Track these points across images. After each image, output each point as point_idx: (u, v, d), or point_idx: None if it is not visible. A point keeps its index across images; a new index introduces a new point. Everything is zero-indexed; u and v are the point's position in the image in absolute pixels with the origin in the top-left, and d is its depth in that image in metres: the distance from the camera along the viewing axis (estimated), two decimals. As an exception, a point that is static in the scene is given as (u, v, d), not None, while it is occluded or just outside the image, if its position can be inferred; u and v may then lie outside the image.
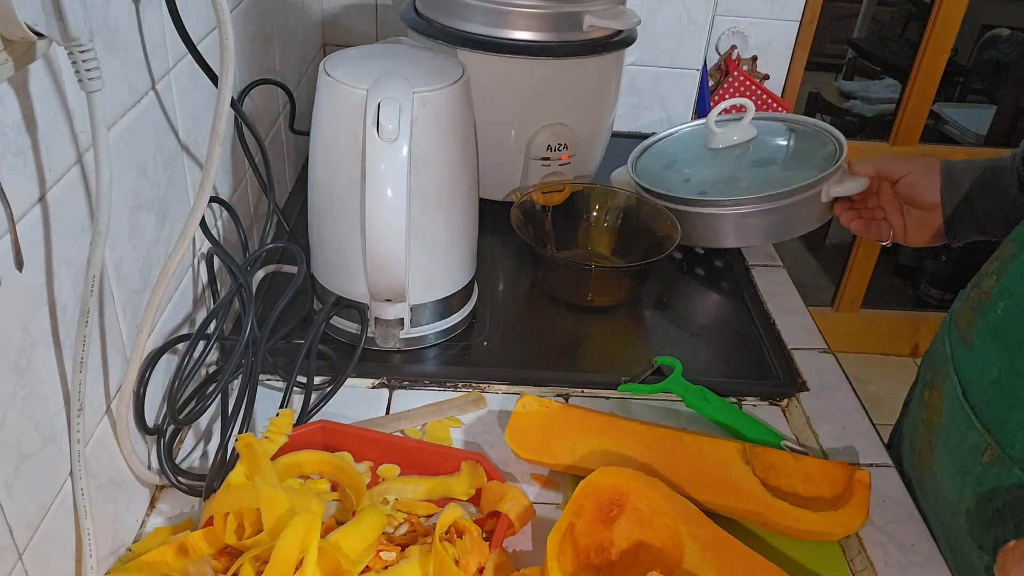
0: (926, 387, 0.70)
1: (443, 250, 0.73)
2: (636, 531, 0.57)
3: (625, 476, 0.57)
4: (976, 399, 0.60)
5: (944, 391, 0.65)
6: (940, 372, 0.67)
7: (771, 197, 0.86)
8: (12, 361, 0.41)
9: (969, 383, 0.62)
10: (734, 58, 1.48)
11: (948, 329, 0.69)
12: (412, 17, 0.93)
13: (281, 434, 0.59)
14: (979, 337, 0.62)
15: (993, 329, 0.60)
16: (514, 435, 0.64)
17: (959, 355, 0.64)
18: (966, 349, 0.63)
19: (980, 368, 0.60)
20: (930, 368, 0.71)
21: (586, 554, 0.56)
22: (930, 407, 0.67)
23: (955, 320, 0.68)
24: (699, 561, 0.53)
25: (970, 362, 0.62)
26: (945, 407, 0.64)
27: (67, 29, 0.38)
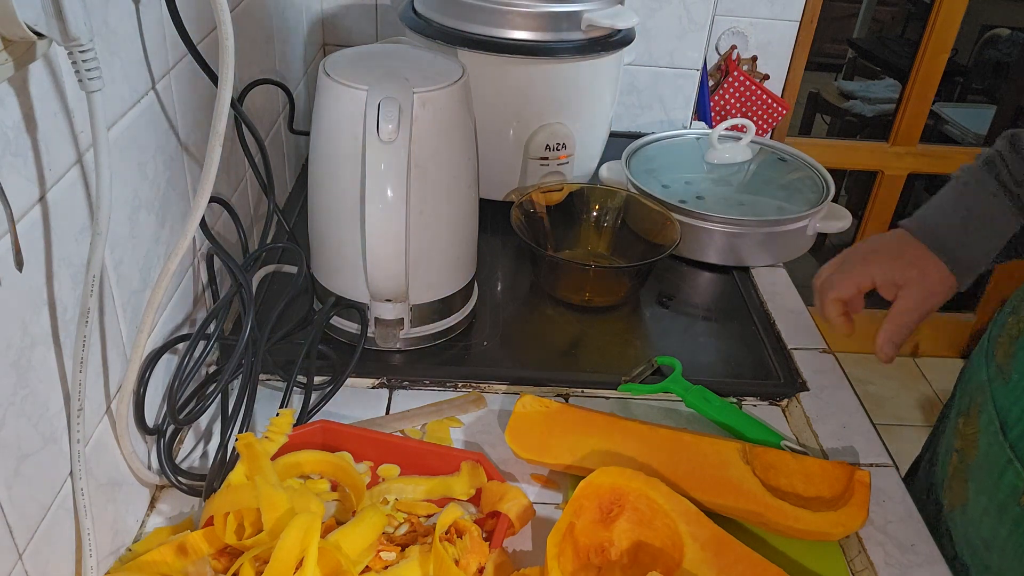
0: (961, 414, 0.67)
1: (443, 250, 0.73)
2: (636, 531, 0.57)
3: (625, 476, 0.57)
4: (1016, 438, 0.58)
5: (981, 423, 0.63)
6: (976, 401, 0.65)
7: (760, 223, 0.89)
8: (12, 361, 0.42)
9: (1007, 419, 0.59)
10: (734, 58, 1.48)
11: (985, 355, 0.66)
12: (411, 17, 0.93)
13: (281, 434, 0.59)
14: (1018, 373, 0.59)
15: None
16: (514, 435, 0.64)
17: (997, 389, 0.62)
18: (1004, 383, 0.61)
19: (1020, 406, 0.58)
20: (965, 394, 0.68)
21: (586, 554, 0.56)
22: (965, 437, 0.65)
23: (992, 346, 0.65)
24: (699, 561, 0.53)
25: (1008, 397, 0.60)
26: (981, 440, 0.62)
27: (67, 29, 0.38)
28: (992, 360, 0.64)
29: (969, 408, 0.66)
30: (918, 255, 0.67)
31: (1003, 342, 0.64)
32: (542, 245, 0.88)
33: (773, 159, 1.03)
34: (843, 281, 0.69)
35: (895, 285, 0.67)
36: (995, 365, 0.63)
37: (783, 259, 0.94)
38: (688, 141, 1.06)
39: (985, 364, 0.66)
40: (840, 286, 0.69)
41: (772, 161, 1.03)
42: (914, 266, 0.67)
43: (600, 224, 0.92)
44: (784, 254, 0.93)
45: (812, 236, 0.94)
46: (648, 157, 1.02)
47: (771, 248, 0.91)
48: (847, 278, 0.69)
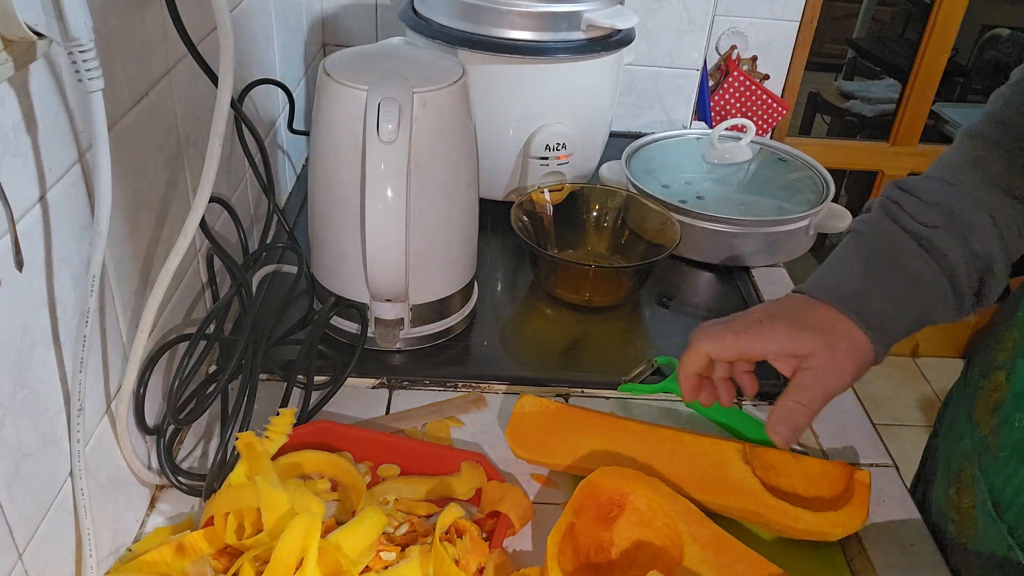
0: (952, 484, 0.62)
1: (443, 250, 0.73)
2: (636, 531, 0.57)
3: (625, 476, 0.57)
4: (1014, 521, 0.53)
5: (975, 500, 0.57)
6: (966, 472, 0.60)
7: (759, 223, 0.89)
8: (12, 361, 0.42)
9: (1001, 500, 0.54)
10: (734, 58, 1.48)
11: (968, 423, 0.60)
12: (411, 17, 0.93)
13: (281, 434, 0.59)
14: (1004, 451, 0.54)
15: (1019, 447, 0.53)
16: (514, 435, 0.64)
17: (986, 464, 0.56)
18: (993, 460, 0.55)
19: (1014, 487, 0.53)
20: (952, 463, 0.63)
21: (586, 553, 0.56)
22: (960, 510, 0.60)
23: (972, 414, 0.60)
24: (699, 561, 0.53)
25: (999, 477, 0.55)
26: (979, 519, 0.57)
27: (67, 29, 0.38)
28: (976, 428, 0.59)
29: (960, 478, 0.61)
30: (823, 319, 0.56)
31: (983, 409, 0.58)
32: (542, 245, 0.88)
33: (773, 159, 1.03)
34: (722, 339, 0.57)
35: (795, 357, 0.56)
36: (979, 436, 0.58)
37: (783, 259, 0.94)
38: (688, 141, 1.06)
39: (969, 430, 0.60)
40: (723, 348, 0.57)
41: (772, 161, 1.03)
42: (819, 332, 0.55)
43: (600, 224, 0.92)
44: (784, 254, 0.93)
45: (812, 236, 0.94)
46: (648, 157, 1.02)
47: (771, 248, 0.91)
48: (728, 338, 0.57)
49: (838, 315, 0.56)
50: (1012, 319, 0.58)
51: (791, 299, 0.59)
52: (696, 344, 0.59)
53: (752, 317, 0.58)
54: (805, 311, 0.57)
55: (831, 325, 0.56)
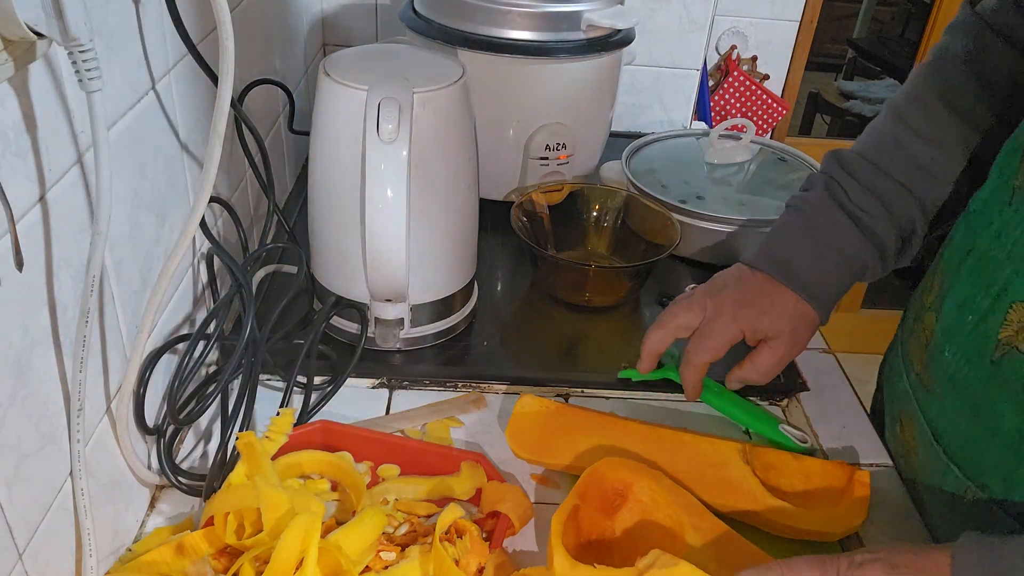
0: (895, 423, 0.68)
1: (443, 250, 0.73)
2: (638, 521, 0.57)
3: (629, 467, 0.58)
4: (948, 444, 0.59)
5: (916, 432, 0.63)
6: (905, 410, 0.65)
7: (759, 223, 0.89)
8: (12, 361, 0.42)
9: (938, 429, 0.60)
10: (734, 58, 1.48)
11: (903, 364, 0.66)
12: (411, 17, 0.93)
13: (281, 434, 0.59)
14: (938, 385, 0.59)
15: (949, 376, 0.58)
16: (514, 435, 0.64)
17: (922, 399, 0.62)
18: (927, 394, 0.61)
19: (947, 415, 0.59)
20: (894, 404, 0.69)
21: (588, 539, 0.57)
22: (905, 444, 0.66)
23: (907, 355, 0.66)
24: (700, 551, 0.53)
25: (935, 407, 0.60)
26: (920, 448, 0.63)
27: (67, 29, 0.38)
28: (911, 368, 0.64)
29: (901, 417, 0.66)
30: (787, 306, 0.66)
31: (915, 349, 0.64)
32: (542, 245, 0.88)
33: (773, 159, 1.03)
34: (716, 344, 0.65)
35: (764, 336, 0.66)
36: (915, 374, 0.64)
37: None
38: (688, 141, 1.06)
39: (904, 371, 0.66)
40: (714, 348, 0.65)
41: (772, 161, 1.03)
42: (783, 319, 0.65)
43: (600, 224, 0.92)
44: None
45: None
46: (648, 157, 1.02)
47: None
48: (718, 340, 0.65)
49: (796, 297, 0.66)
50: (937, 268, 0.64)
51: (754, 280, 0.67)
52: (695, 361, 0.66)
53: (726, 313, 0.66)
54: (768, 296, 0.66)
55: (792, 310, 0.66)
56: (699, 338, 0.66)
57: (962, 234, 0.61)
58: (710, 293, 0.67)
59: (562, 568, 0.51)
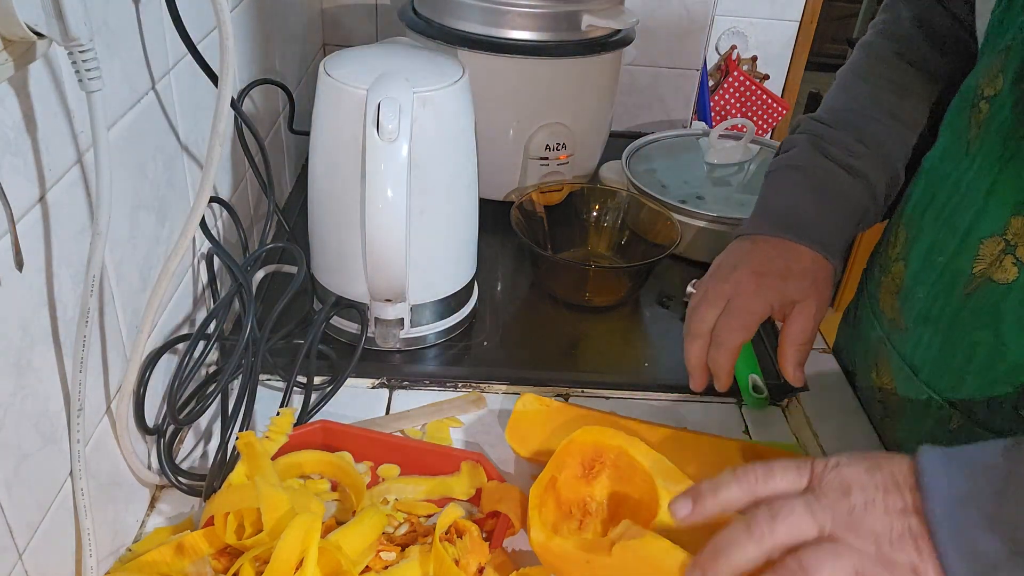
0: (870, 369, 0.70)
1: (443, 250, 0.73)
2: (616, 487, 0.58)
3: (606, 435, 0.58)
4: (927, 376, 0.61)
5: (893, 372, 0.66)
6: (880, 355, 0.68)
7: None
8: (12, 361, 0.42)
9: (916, 362, 0.62)
10: (734, 58, 1.48)
11: (874, 314, 0.69)
12: (411, 17, 0.93)
13: (281, 434, 0.59)
14: (911, 322, 0.63)
15: (922, 313, 0.61)
16: (514, 434, 0.64)
17: (896, 338, 0.65)
18: (902, 332, 0.64)
19: (923, 348, 0.62)
20: (867, 353, 0.71)
21: (568, 508, 0.58)
22: (882, 388, 0.68)
23: (876, 306, 0.69)
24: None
25: (910, 344, 0.63)
26: (899, 386, 0.65)
27: (67, 29, 0.38)
28: (882, 316, 0.68)
29: (876, 363, 0.69)
30: (804, 263, 0.66)
31: (885, 297, 0.67)
32: (542, 245, 0.88)
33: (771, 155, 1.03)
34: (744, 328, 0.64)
35: (791, 304, 0.65)
36: (885, 319, 0.67)
37: None
38: (688, 141, 1.06)
39: (876, 320, 0.69)
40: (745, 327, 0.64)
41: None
42: (806, 277, 0.65)
43: (600, 224, 0.92)
44: None
45: None
46: (648, 157, 1.02)
47: None
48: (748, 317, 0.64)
49: (812, 253, 0.66)
50: (898, 223, 0.67)
51: (766, 245, 0.67)
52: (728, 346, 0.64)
53: (748, 290, 0.65)
54: (785, 258, 0.66)
55: (811, 265, 0.66)
56: (727, 318, 0.64)
57: (921, 189, 0.64)
58: (724, 279, 0.66)
59: (539, 540, 0.53)
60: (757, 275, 0.65)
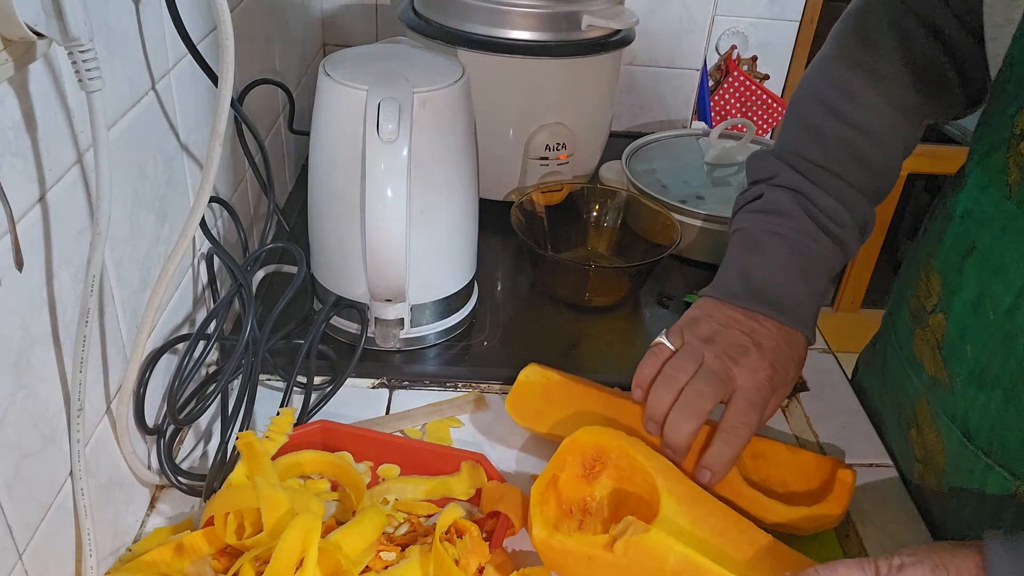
0: (910, 426, 0.65)
1: (443, 250, 0.73)
2: (617, 486, 0.58)
3: (607, 435, 0.58)
4: (984, 442, 0.56)
5: (941, 433, 0.60)
6: (921, 413, 0.63)
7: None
8: (12, 361, 0.41)
9: (969, 427, 0.57)
10: (734, 58, 1.48)
11: (910, 367, 0.64)
12: (411, 17, 0.93)
13: (281, 434, 0.59)
14: (959, 380, 0.57)
15: (974, 374, 0.56)
16: (515, 403, 0.66)
17: (941, 397, 0.60)
18: (948, 391, 0.59)
19: (977, 411, 0.56)
20: (904, 408, 0.66)
21: (568, 507, 0.58)
22: (925, 447, 0.63)
23: (911, 355, 0.64)
24: (674, 512, 0.54)
25: (961, 405, 0.58)
26: (949, 450, 0.60)
27: (67, 29, 0.38)
28: (920, 369, 0.62)
29: (916, 418, 0.64)
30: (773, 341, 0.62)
31: (923, 350, 0.62)
32: (542, 245, 0.88)
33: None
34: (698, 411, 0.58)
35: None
36: (926, 374, 0.62)
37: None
38: (688, 141, 1.06)
39: (912, 373, 0.64)
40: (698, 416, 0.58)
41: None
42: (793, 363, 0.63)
43: (600, 224, 0.92)
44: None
45: None
46: (648, 157, 1.02)
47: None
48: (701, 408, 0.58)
49: (788, 331, 0.63)
50: (928, 269, 0.62)
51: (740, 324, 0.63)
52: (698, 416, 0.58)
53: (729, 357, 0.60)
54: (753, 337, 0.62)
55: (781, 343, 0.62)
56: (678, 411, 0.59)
57: (956, 235, 0.59)
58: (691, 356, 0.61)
59: (540, 537, 0.53)
60: (744, 351, 0.61)
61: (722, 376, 0.60)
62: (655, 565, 0.50)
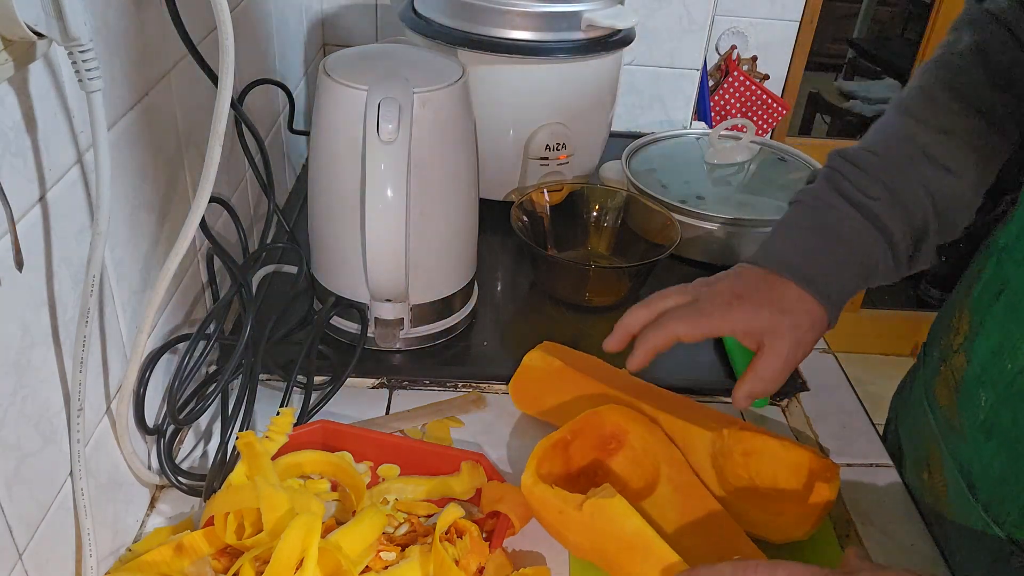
0: (923, 468, 0.63)
1: (443, 250, 0.73)
2: (628, 467, 0.61)
3: (630, 417, 0.61)
4: (986, 497, 0.54)
5: (947, 481, 0.59)
6: (933, 455, 0.61)
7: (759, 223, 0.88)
8: (12, 361, 0.42)
9: (974, 480, 0.55)
10: (734, 58, 1.48)
11: (927, 402, 0.63)
12: (411, 17, 0.93)
13: (281, 434, 0.59)
14: (970, 429, 0.56)
15: (984, 425, 0.54)
16: (517, 387, 0.68)
17: (952, 442, 0.58)
18: (960, 439, 0.57)
19: (983, 464, 0.54)
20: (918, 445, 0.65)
21: (576, 471, 0.61)
22: (934, 492, 0.62)
23: (932, 395, 0.62)
24: (665, 500, 0.57)
25: (967, 454, 0.56)
26: (952, 501, 0.59)
27: (67, 29, 0.38)
28: (937, 408, 0.61)
29: (929, 460, 0.62)
30: (786, 296, 0.59)
31: (943, 391, 0.60)
32: (542, 245, 0.88)
33: (773, 159, 1.03)
34: (695, 323, 0.58)
35: (760, 334, 0.59)
36: (942, 416, 0.60)
37: None
38: (688, 141, 1.06)
39: (930, 411, 0.62)
40: (696, 327, 0.58)
41: (772, 161, 1.03)
42: (785, 313, 0.59)
43: (600, 224, 0.92)
44: None
45: None
46: (648, 157, 1.02)
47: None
48: (701, 321, 0.59)
49: (799, 291, 0.60)
50: (963, 305, 0.61)
51: (753, 274, 0.62)
52: (669, 327, 0.60)
53: (719, 299, 0.60)
54: (768, 289, 0.60)
55: (793, 302, 0.59)
56: (683, 310, 0.60)
57: (992, 270, 0.56)
58: (706, 283, 0.63)
59: (526, 483, 0.56)
60: (734, 295, 0.60)
61: (709, 314, 0.59)
62: (613, 531, 0.53)
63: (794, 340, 0.59)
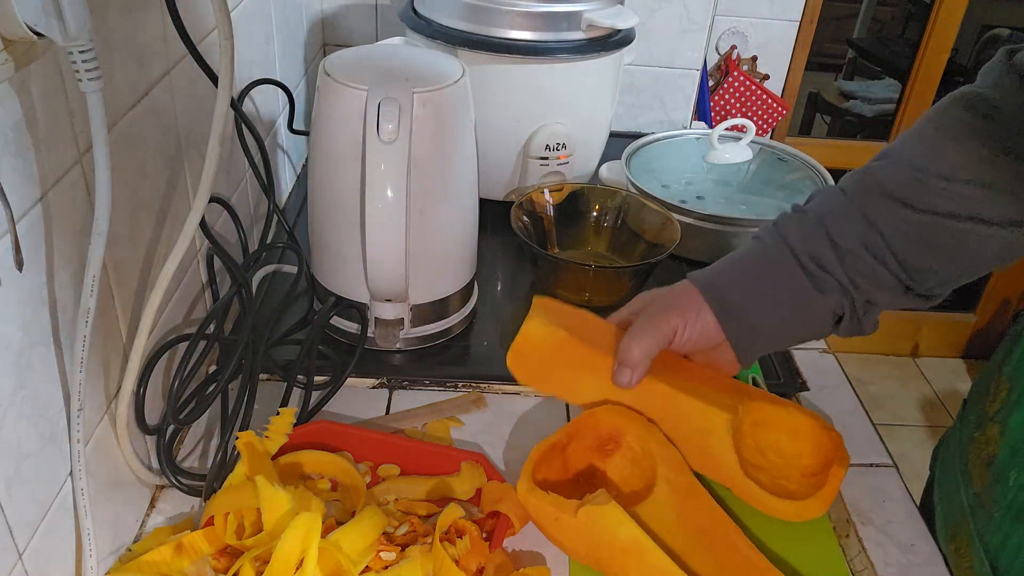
0: (952, 540, 0.61)
1: (443, 250, 0.73)
2: (626, 469, 0.60)
3: (625, 416, 0.61)
4: None
5: (973, 561, 0.57)
6: (961, 531, 0.60)
7: (759, 223, 0.88)
8: (12, 361, 0.42)
9: (1000, 566, 0.54)
10: (734, 58, 1.48)
11: (962, 476, 0.60)
12: (411, 17, 0.93)
13: (281, 434, 0.59)
14: (999, 511, 0.54)
15: (1013, 507, 0.53)
16: (516, 357, 0.64)
17: (981, 520, 0.56)
18: (988, 519, 0.55)
19: (1010, 551, 0.53)
20: (950, 519, 0.63)
21: (574, 474, 0.61)
22: (960, 568, 0.60)
23: (966, 467, 0.60)
24: (663, 501, 0.57)
25: (996, 538, 0.54)
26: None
27: (67, 29, 0.38)
28: (970, 482, 0.59)
29: (958, 535, 0.61)
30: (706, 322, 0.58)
31: (976, 463, 0.59)
32: (542, 245, 0.88)
33: (773, 159, 1.03)
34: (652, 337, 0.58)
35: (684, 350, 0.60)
36: (973, 492, 0.58)
37: None
38: (688, 141, 1.06)
39: (963, 483, 0.61)
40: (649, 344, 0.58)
41: (772, 161, 1.03)
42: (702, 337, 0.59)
43: (600, 224, 0.92)
44: None
45: None
46: (648, 157, 1.02)
47: None
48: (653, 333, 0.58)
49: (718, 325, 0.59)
50: (999, 368, 0.57)
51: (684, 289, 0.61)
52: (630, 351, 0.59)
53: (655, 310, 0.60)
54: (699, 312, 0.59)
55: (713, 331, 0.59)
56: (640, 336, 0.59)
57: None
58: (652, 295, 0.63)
59: (522, 490, 0.56)
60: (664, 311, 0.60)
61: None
62: (607, 538, 0.53)
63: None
